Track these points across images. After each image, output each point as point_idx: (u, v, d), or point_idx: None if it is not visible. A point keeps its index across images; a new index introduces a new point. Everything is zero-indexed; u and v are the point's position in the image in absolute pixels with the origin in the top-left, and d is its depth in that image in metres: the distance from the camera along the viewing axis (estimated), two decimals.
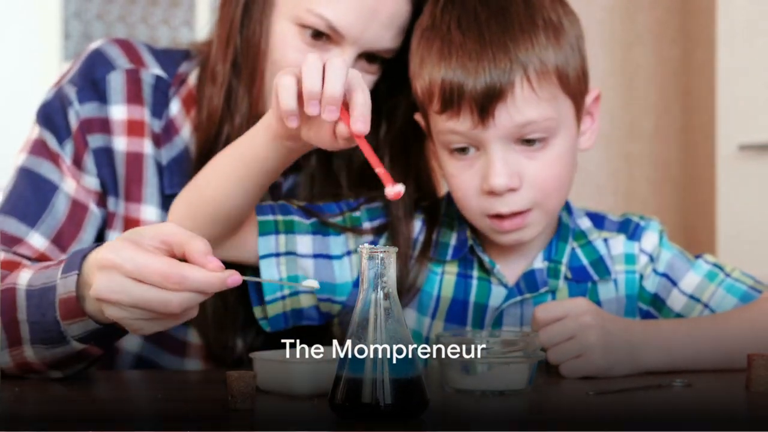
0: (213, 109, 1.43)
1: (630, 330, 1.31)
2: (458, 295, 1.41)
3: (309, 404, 1.10)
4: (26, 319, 1.20)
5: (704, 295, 1.42)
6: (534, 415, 1.08)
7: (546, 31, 1.31)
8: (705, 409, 1.11)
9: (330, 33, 1.37)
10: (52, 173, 1.42)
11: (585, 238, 1.44)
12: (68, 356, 1.20)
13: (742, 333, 1.34)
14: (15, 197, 1.41)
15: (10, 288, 1.22)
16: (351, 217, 1.42)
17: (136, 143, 1.45)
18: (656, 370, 1.31)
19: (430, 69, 1.33)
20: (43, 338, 1.19)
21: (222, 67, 1.43)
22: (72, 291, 1.15)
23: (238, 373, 1.05)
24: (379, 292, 1.03)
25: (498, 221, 1.34)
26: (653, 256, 1.44)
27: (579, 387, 1.22)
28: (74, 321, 1.16)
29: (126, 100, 1.46)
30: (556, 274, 1.41)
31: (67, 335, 1.17)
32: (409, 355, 1.02)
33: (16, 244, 1.38)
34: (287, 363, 1.16)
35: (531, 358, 1.18)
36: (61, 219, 1.41)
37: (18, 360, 1.22)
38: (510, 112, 1.29)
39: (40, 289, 1.19)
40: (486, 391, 1.17)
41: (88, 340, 1.18)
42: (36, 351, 1.20)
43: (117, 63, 1.47)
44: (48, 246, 1.39)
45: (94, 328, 1.16)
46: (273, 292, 1.37)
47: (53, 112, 1.44)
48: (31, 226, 1.39)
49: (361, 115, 1.12)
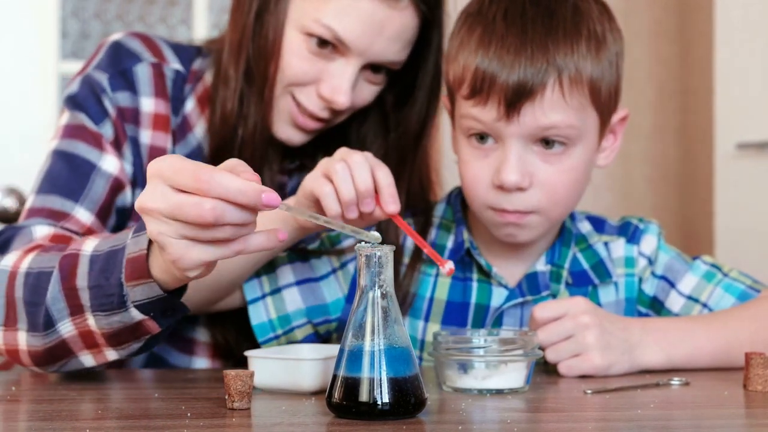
0: (227, 113, 1.43)
1: (628, 329, 1.31)
2: (456, 298, 1.41)
3: (306, 403, 1.10)
4: (86, 286, 1.16)
5: (702, 295, 1.42)
6: (532, 413, 1.08)
7: (588, 41, 1.31)
8: (703, 407, 1.11)
9: (336, 44, 1.37)
10: (89, 153, 1.41)
11: (586, 242, 1.44)
12: (126, 329, 1.16)
13: (740, 331, 1.34)
14: (53, 177, 1.41)
15: (73, 254, 1.19)
16: (329, 237, 1.43)
17: (161, 138, 1.46)
18: (654, 368, 1.31)
19: (467, 54, 1.32)
20: (102, 304, 1.15)
21: (234, 73, 1.43)
22: (143, 249, 1.11)
23: (236, 372, 1.05)
24: (377, 291, 1.03)
25: (500, 213, 1.34)
26: (652, 259, 1.44)
27: (577, 386, 1.22)
28: (138, 283, 1.11)
29: (154, 93, 1.46)
30: (559, 278, 1.41)
31: (127, 300, 1.13)
32: (407, 355, 1.03)
33: (62, 219, 1.37)
34: (293, 360, 1.16)
35: (529, 356, 1.18)
36: (103, 194, 1.40)
37: (81, 328, 1.18)
38: (536, 112, 1.29)
39: (107, 252, 1.16)
40: (484, 390, 1.17)
41: (148, 309, 1.14)
42: (97, 320, 1.16)
43: (143, 56, 1.47)
44: (94, 221, 1.39)
45: (156, 295, 1.12)
46: (266, 334, 1.39)
47: (84, 98, 1.43)
48: (75, 201, 1.38)
49: (390, 196, 1.22)
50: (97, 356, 1.20)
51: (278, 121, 1.44)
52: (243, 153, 1.42)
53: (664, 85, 3.29)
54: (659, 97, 3.29)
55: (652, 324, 1.34)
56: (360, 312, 1.03)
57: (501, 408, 1.09)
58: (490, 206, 1.34)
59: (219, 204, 0.98)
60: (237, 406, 1.05)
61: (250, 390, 1.06)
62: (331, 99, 1.39)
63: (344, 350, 1.03)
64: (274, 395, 1.15)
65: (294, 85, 1.41)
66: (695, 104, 3.19)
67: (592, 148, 1.36)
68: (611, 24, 1.36)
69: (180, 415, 1.03)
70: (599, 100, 1.33)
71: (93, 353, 1.20)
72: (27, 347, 1.22)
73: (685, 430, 0.99)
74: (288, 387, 1.16)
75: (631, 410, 1.08)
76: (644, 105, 3.28)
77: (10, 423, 1.02)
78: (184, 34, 5.57)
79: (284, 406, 1.08)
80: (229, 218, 0.99)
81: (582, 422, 1.02)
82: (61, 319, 1.19)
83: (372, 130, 1.51)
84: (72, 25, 5.49)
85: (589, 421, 1.04)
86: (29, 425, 1.00)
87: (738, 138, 2.88)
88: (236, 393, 1.05)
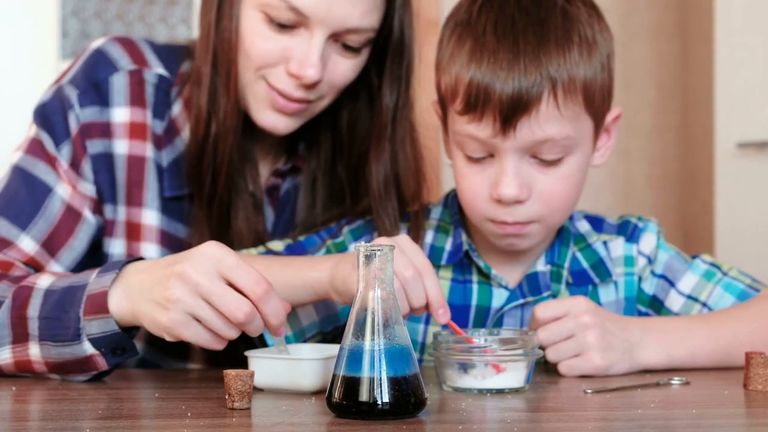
0: (200, 111, 1.42)
1: (628, 329, 1.30)
2: (456, 300, 1.41)
3: (306, 403, 1.10)
4: (37, 316, 1.22)
5: (702, 295, 1.42)
6: (532, 413, 1.08)
7: (580, 47, 1.30)
8: (703, 407, 1.11)
9: (294, 15, 1.35)
10: (47, 175, 1.41)
11: (585, 242, 1.44)
12: (74, 361, 1.21)
13: (739, 331, 1.34)
14: (8, 197, 1.41)
15: (27, 286, 1.25)
16: (334, 244, 1.42)
17: (138, 146, 1.44)
18: (654, 368, 1.31)
19: (459, 67, 1.31)
20: (55, 335, 1.20)
21: (205, 68, 1.42)
22: (106, 287, 1.18)
23: (236, 371, 1.05)
24: (377, 290, 1.03)
25: (500, 225, 1.34)
26: (651, 258, 1.44)
27: (577, 385, 1.22)
28: (96, 317, 1.18)
29: (129, 102, 1.44)
30: (559, 278, 1.41)
31: (82, 333, 1.19)
32: (407, 354, 1.02)
33: (6, 247, 1.38)
34: (293, 360, 1.17)
35: (529, 356, 1.18)
36: (53, 223, 1.40)
37: (19, 357, 1.23)
38: (532, 126, 1.28)
39: (66, 288, 1.22)
40: (484, 390, 1.17)
41: (101, 344, 1.19)
42: (42, 349, 1.22)
43: (120, 64, 1.45)
44: (38, 250, 1.39)
45: (111, 330, 1.18)
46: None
47: (52, 113, 1.43)
48: (23, 228, 1.39)
49: (440, 307, 1.22)
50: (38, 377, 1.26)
51: (258, 109, 1.41)
52: (218, 148, 1.41)
53: (665, 84, 3.29)
54: (659, 96, 3.29)
55: (652, 323, 1.34)
56: (360, 311, 1.03)
57: (501, 408, 1.09)
58: (489, 219, 1.34)
59: (256, 315, 1.11)
60: (237, 405, 1.05)
61: (251, 390, 1.06)
62: (299, 74, 1.36)
63: (344, 350, 1.03)
64: (274, 395, 1.15)
65: (263, 67, 1.39)
66: (695, 103, 3.19)
67: (587, 152, 1.35)
68: (600, 24, 1.35)
69: (180, 414, 1.03)
70: (593, 105, 1.32)
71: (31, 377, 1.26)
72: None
73: (685, 429, 0.99)
74: (288, 387, 1.16)
75: (631, 410, 1.08)
76: (644, 104, 3.28)
77: (10, 423, 1.02)
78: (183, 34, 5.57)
79: (284, 405, 1.08)
80: (251, 329, 1.12)
81: (582, 422, 1.02)
82: (1, 346, 1.24)
83: (362, 115, 1.49)
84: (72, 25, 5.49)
85: (590, 420, 1.04)
86: (30, 425, 1.00)
87: (738, 137, 2.88)
88: (236, 393, 1.05)
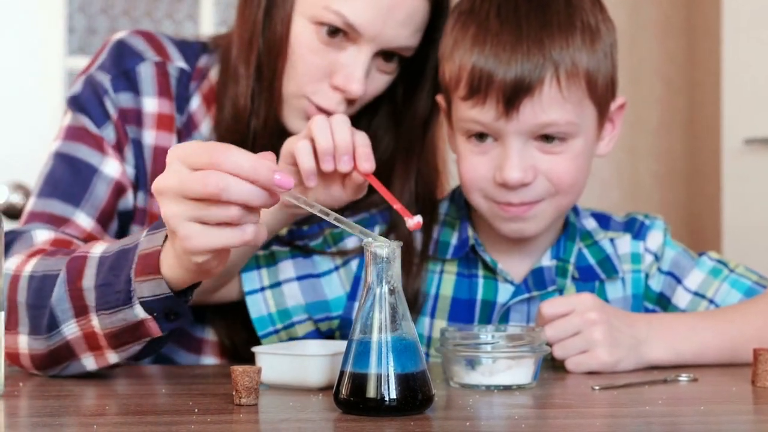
0: (240, 110, 1.42)
1: (635, 325, 1.30)
2: (461, 295, 1.41)
3: (314, 399, 1.10)
4: (93, 286, 1.17)
5: (709, 291, 1.42)
6: (539, 410, 1.08)
7: (583, 33, 1.31)
8: (710, 403, 1.10)
9: (347, 30, 1.36)
10: (91, 156, 1.41)
11: (591, 239, 1.44)
12: (127, 328, 1.16)
13: (746, 327, 1.34)
14: (54, 180, 1.40)
15: (81, 256, 1.20)
16: (332, 234, 1.42)
17: (165, 138, 1.45)
18: (662, 365, 1.31)
19: (462, 53, 1.32)
20: (108, 301, 1.15)
21: (245, 70, 1.41)
22: (158, 245, 1.11)
23: (243, 367, 1.05)
24: (384, 287, 1.03)
25: (505, 207, 1.33)
26: (658, 255, 1.44)
27: (584, 382, 1.22)
28: (147, 278, 1.12)
29: (157, 93, 1.45)
30: (564, 273, 1.40)
31: (134, 296, 1.13)
32: (414, 350, 1.02)
33: (63, 225, 1.37)
34: (301, 357, 1.16)
35: (536, 353, 1.18)
36: (104, 199, 1.40)
37: (86, 329, 1.19)
38: (535, 109, 1.28)
39: (117, 252, 1.16)
40: (491, 386, 1.17)
41: (152, 308, 1.14)
42: (100, 320, 1.17)
43: (146, 55, 1.46)
44: (95, 226, 1.38)
45: (163, 293, 1.12)
46: (265, 327, 1.39)
47: (86, 100, 1.43)
48: (76, 206, 1.38)
49: (364, 154, 1.22)
50: (99, 359, 1.21)
51: (290, 117, 1.42)
52: (255, 147, 1.42)
53: (672, 80, 3.28)
54: (666, 92, 3.28)
55: (659, 320, 1.34)
56: (367, 308, 1.03)
57: (508, 404, 1.09)
58: (493, 200, 1.34)
59: (224, 177, 0.98)
60: (244, 401, 1.05)
61: (258, 386, 1.06)
62: (345, 88, 1.37)
63: (351, 346, 1.03)
64: (281, 391, 1.15)
65: (307, 83, 1.39)
66: (702, 99, 3.18)
67: (591, 139, 1.36)
68: (603, 15, 1.36)
69: (187, 410, 1.03)
70: (596, 92, 1.33)
71: (95, 355, 1.21)
72: (28, 350, 1.23)
73: (692, 426, 0.99)
74: (295, 383, 1.16)
75: (638, 406, 1.08)
76: (651, 100, 3.27)
77: (16, 418, 1.02)
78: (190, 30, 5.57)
79: (291, 402, 1.08)
80: (235, 193, 0.99)
81: (590, 418, 1.02)
82: (65, 321, 1.19)
83: (383, 123, 1.50)
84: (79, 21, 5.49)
85: (597, 417, 1.04)
86: (36, 421, 1.00)
87: (745, 133, 2.87)
88: (243, 389, 1.05)
